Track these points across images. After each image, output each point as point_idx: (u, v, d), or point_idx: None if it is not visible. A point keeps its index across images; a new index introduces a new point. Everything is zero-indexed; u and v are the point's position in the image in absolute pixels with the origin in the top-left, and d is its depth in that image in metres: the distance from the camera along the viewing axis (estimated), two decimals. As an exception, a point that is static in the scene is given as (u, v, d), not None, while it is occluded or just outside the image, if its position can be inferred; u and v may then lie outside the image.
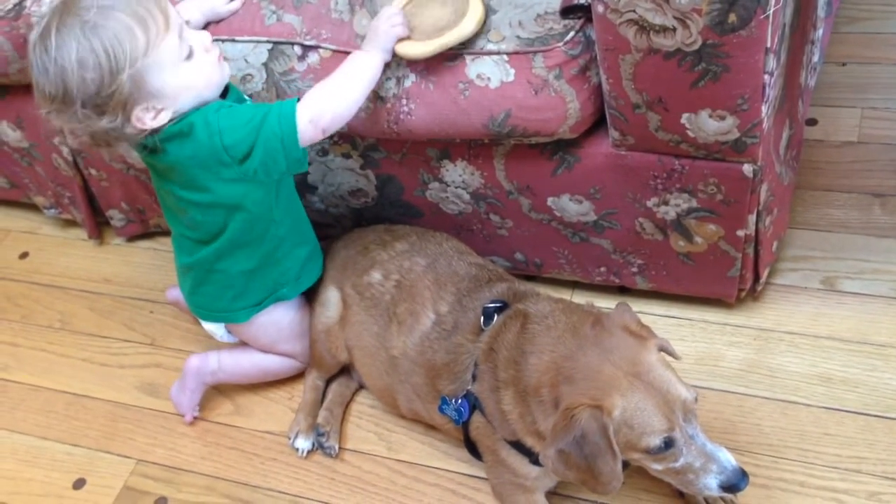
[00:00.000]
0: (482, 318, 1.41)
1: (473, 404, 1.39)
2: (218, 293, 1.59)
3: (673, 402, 1.20)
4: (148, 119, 1.35)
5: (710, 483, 1.23)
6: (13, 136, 1.99)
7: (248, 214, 1.47)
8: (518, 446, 1.34)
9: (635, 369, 1.21)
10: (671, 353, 1.29)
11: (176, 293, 1.83)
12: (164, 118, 1.35)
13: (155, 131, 1.38)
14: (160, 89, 1.33)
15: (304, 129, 1.37)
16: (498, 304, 1.42)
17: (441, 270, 1.52)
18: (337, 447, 1.61)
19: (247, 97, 1.52)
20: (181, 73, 1.34)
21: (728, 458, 1.23)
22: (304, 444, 1.63)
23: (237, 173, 1.40)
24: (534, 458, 1.34)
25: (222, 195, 1.44)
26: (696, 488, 1.25)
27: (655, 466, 1.25)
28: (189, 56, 1.35)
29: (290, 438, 1.64)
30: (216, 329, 1.67)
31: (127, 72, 1.28)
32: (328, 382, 1.70)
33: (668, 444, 1.20)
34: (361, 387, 1.71)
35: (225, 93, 1.45)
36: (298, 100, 1.38)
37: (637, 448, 1.21)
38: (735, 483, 1.22)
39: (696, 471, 1.23)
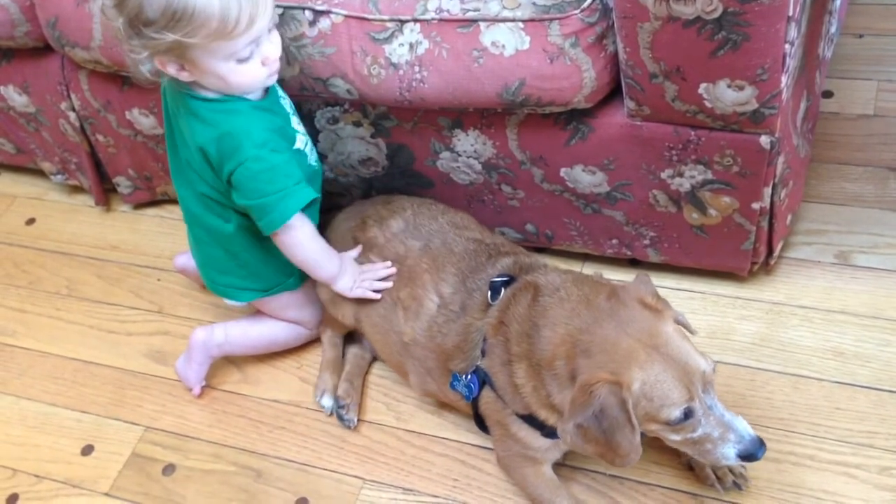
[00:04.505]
0: (489, 293, 1.40)
1: (483, 380, 1.38)
2: (227, 269, 1.58)
3: (692, 373, 1.19)
4: (171, 69, 1.34)
5: (728, 452, 1.23)
6: (19, 100, 1.97)
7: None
8: (530, 419, 1.34)
9: (653, 341, 1.20)
10: (687, 327, 1.28)
11: (183, 261, 1.82)
12: (185, 77, 1.35)
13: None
14: (196, 62, 1.32)
15: (276, 231, 1.44)
16: (505, 279, 1.40)
17: (437, 251, 1.50)
18: (356, 419, 1.61)
19: (282, 93, 1.50)
20: (225, 67, 1.33)
21: (746, 428, 1.23)
22: (330, 402, 1.63)
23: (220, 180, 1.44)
24: (546, 431, 1.33)
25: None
26: (713, 458, 1.25)
27: (673, 437, 1.25)
28: (243, 60, 1.33)
29: (317, 397, 1.64)
30: None
31: (177, 37, 1.26)
32: (346, 340, 1.70)
33: (688, 414, 1.20)
34: (375, 357, 1.70)
35: None
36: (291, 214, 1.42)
37: (657, 420, 1.20)
38: (753, 452, 1.23)
39: (714, 441, 1.23)
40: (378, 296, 1.51)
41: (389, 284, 1.50)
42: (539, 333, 1.27)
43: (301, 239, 1.46)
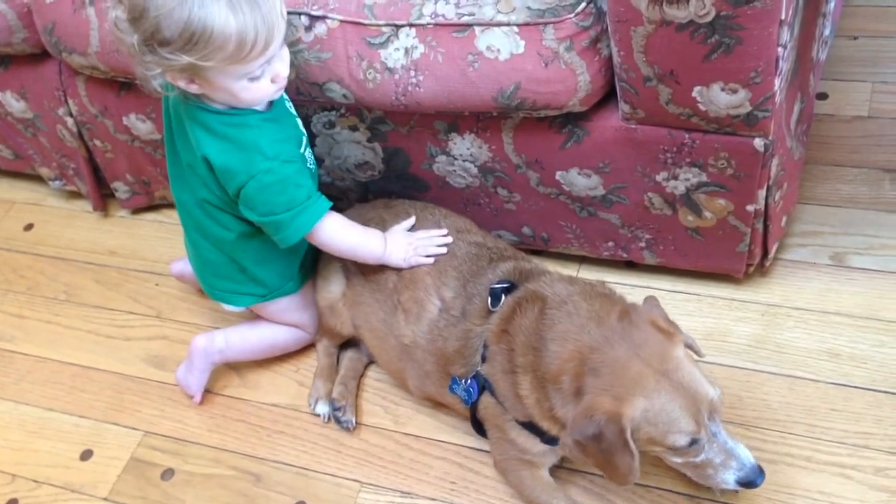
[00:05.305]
0: (489, 299, 1.40)
1: (483, 385, 1.38)
2: (226, 274, 1.59)
3: (700, 401, 1.20)
4: (181, 82, 1.34)
5: (728, 478, 1.25)
6: (17, 106, 1.98)
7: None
8: (530, 427, 1.34)
9: (664, 367, 1.20)
10: (696, 351, 1.28)
11: (180, 267, 1.83)
12: (194, 90, 1.36)
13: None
14: (209, 79, 1.33)
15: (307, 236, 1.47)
16: (505, 285, 1.40)
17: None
18: (354, 421, 1.61)
19: (287, 99, 1.51)
20: (237, 85, 1.34)
21: (747, 456, 1.25)
22: (324, 409, 1.63)
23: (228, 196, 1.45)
24: (545, 438, 1.34)
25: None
26: (713, 482, 1.27)
27: (675, 459, 1.26)
28: (255, 79, 1.34)
29: (310, 405, 1.65)
30: None
31: (193, 60, 1.27)
32: (340, 349, 1.70)
33: (693, 442, 1.21)
34: (372, 361, 1.71)
35: None
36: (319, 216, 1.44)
37: (662, 445, 1.21)
38: (752, 479, 1.25)
39: (715, 466, 1.24)
40: (431, 261, 1.49)
41: (444, 251, 1.49)
42: (546, 347, 1.27)
43: (329, 237, 1.47)
